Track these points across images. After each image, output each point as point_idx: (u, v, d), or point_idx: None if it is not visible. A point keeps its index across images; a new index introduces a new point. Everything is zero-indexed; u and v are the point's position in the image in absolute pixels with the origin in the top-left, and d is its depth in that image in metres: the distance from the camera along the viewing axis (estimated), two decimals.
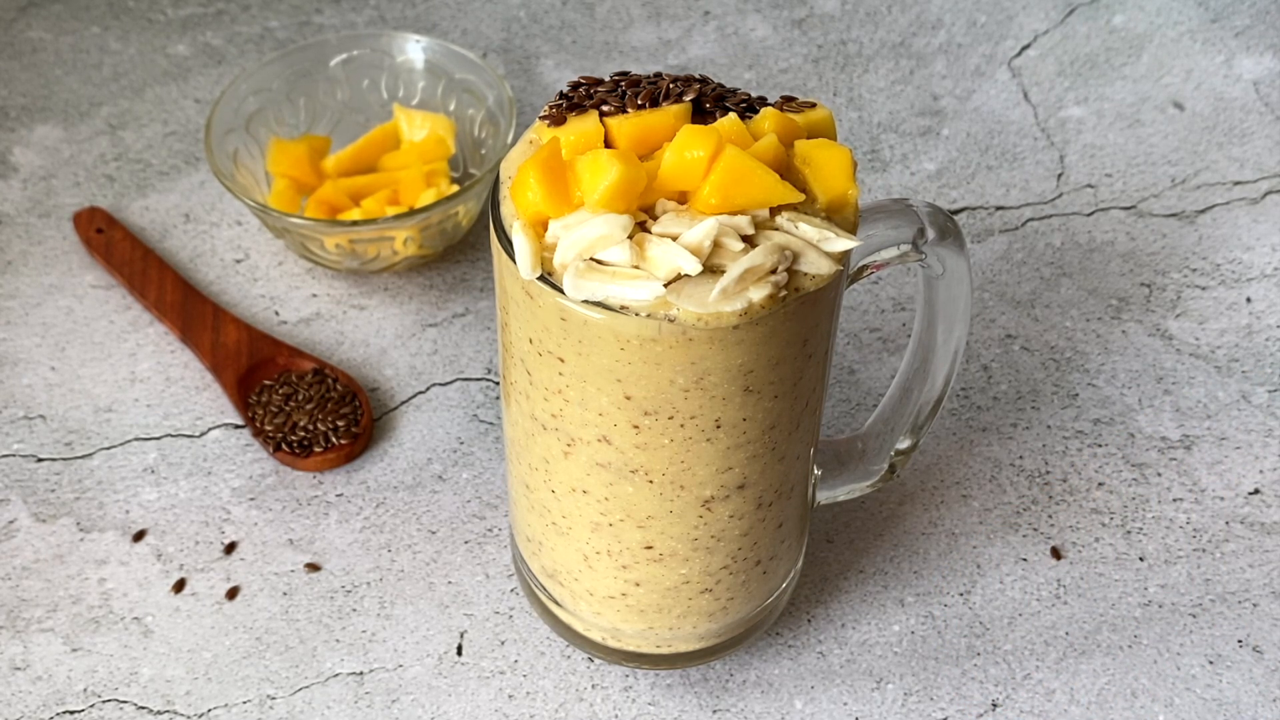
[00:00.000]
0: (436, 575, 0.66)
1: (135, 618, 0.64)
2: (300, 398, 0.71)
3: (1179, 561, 0.67)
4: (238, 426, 0.72)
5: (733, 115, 0.48)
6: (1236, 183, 0.84)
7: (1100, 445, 0.71)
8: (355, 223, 0.73)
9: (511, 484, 0.58)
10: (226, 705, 0.61)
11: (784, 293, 0.46)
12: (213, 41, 0.93)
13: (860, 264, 0.53)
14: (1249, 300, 0.77)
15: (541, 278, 0.47)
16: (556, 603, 0.59)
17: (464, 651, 0.63)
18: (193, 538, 0.67)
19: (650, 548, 0.54)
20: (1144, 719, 0.61)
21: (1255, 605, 0.65)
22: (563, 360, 0.48)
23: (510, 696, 0.62)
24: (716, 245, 0.46)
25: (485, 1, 0.96)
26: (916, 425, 0.60)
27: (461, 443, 0.71)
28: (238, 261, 0.79)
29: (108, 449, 0.71)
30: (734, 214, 0.46)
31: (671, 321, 0.46)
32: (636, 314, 0.46)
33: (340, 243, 0.74)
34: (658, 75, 0.51)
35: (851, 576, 0.66)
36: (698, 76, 0.51)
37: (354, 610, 0.64)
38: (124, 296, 0.78)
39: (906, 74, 0.91)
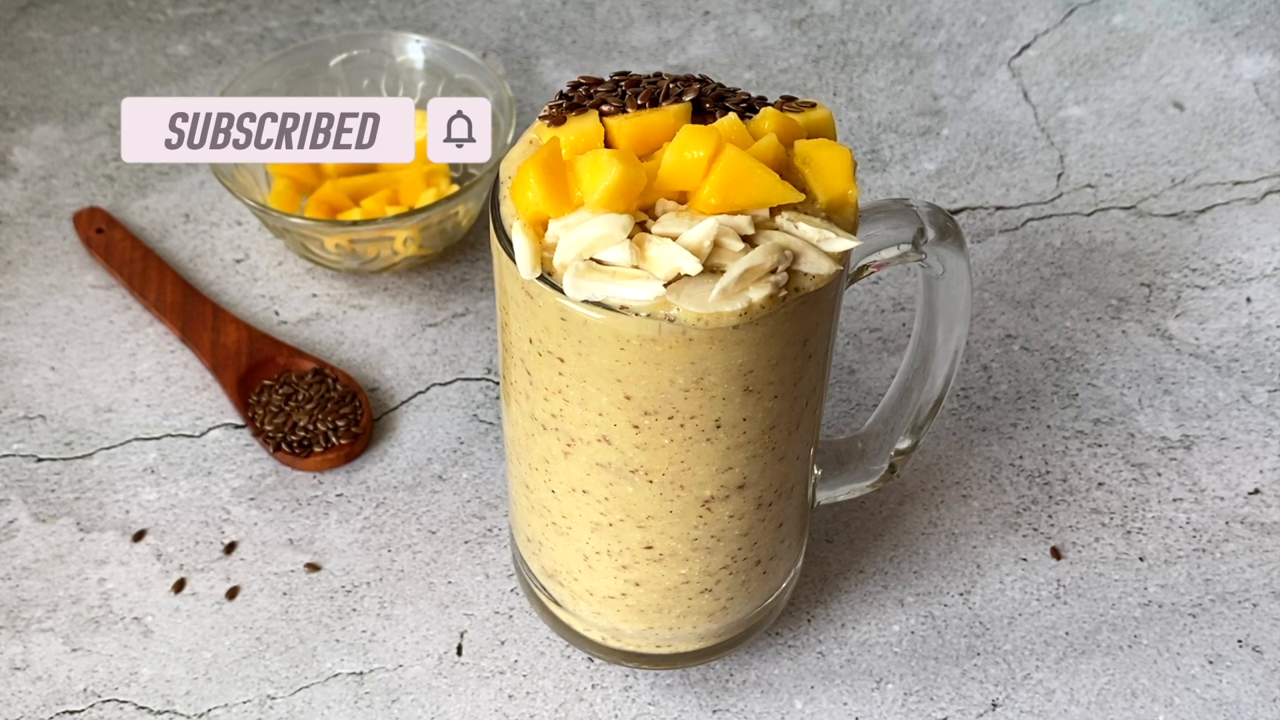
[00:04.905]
0: (436, 575, 0.66)
1: (135, 618, 0.64)
2: (300, 398, 0.71)
3: (1179, 561, 0.67)
4: (238, 426, 0.72)
5: (733, 115, 0.48)
6: (1236, 183, 0.84)
7: (1100, 445, 0.71)
8: (355, 223, 0.73)
9: (511, 484, 0.58)
10: (226, 705, 0.61)
11: (784, 293, 0.46)
12: (213, 41, 0.93)
13: (860, 264, 0.53)
14: (1249, 300, 0.77)
15: (541, 278, 0.47)
16: (556, 603, 0.59)
17: (464, 651, 0.63)
18: (193, 538, 0.67)
19: (650, 548, 0.54)
20: (1144, 719, 0.61)
21: (1255, 605, 0.65)
22: (563, 360, 0.48)
23: (510, 696, 0.62)
24: (716, 245, 0.46)
25: (485, 1, 0.96)
26: (916, 425, 0.60)
27: (461, 443, 0.71)
28: (238, 261, 0.79)
29: (108, 449, 0.71)
30: (734, 214, 0.46)
31: (671, 321, 0.46)
32: (636, 314, 0.46)
33: (340, 243, 0.74)
34: (658, 75, 0.51)
35: (851, 576, 0.66)
36: (698, 76, 0.51)
37: (354, 610, 0.64)
38: (124, 296, 0.78)
39: (906, 74, 0.91)
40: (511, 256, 0.47)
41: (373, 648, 0.63)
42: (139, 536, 0.67)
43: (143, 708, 0.61)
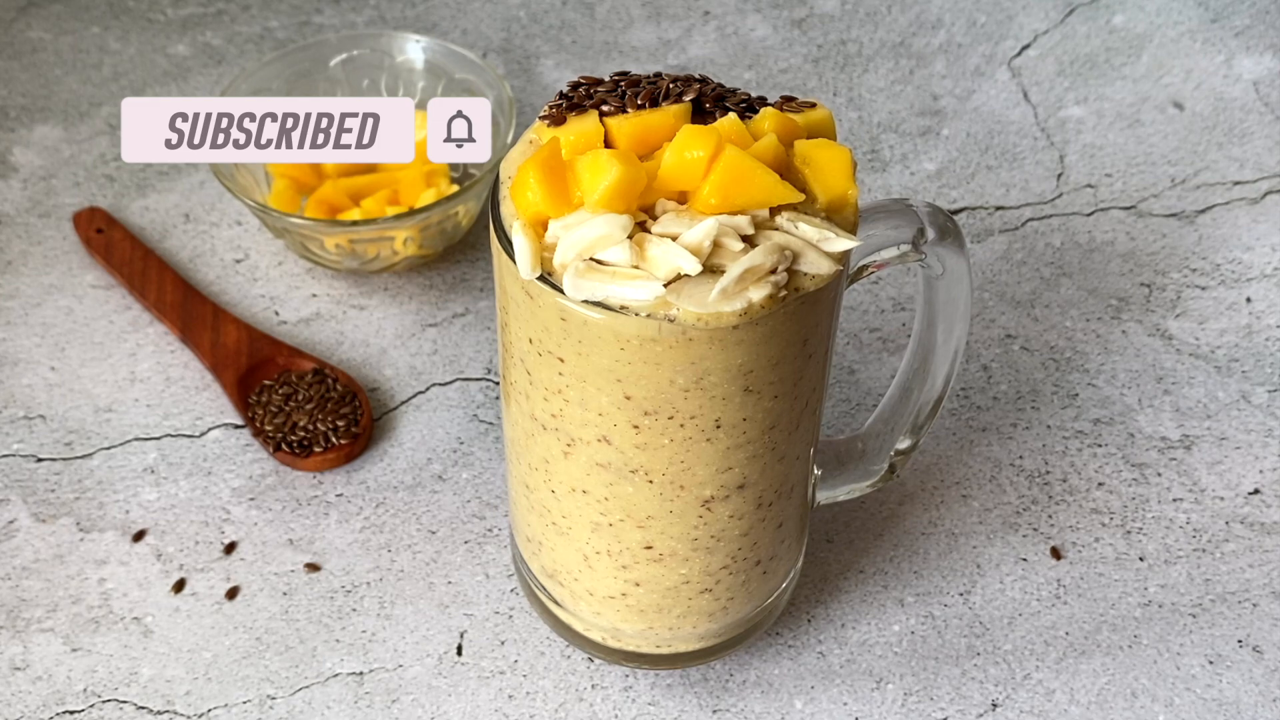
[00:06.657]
0: (436, 575, 0.66)
1: (135, 618, 0.64)
2: (300, 398, 0.71)
3: (1179, 561, 0.67)
4: (238, 426, 0.72)
5: (733, 115, 0.48)
6: (1236, 183, 0.84)
7: (1100, 445, 0.71)
8: (355, 223, 0.73)
9: (511, 484, 0.58)
10: (226, 705, 0.61)
11: (784, 293, 0.46)
12: (213, 41, 0.93)
13: (860, 264, 0.53)
14: (1249, 300, 0.77)
15: (541, 278, 0.47)
16: (556, 603, 0.59)
17: (464, 651, 0.63)
18: (193, 538, 0.67)
19: (650, 548, 0.54)
20: (1144, 719, 0.61)
21: (1255, 605, 0.65)
22: (563, 360, 0.48)
23: (510, 696, 0.62)
24: (716, 245, 0.46)
25: (485, 1, 0.96)
26: (916, 425, 0.60)
27: (461, 443, 0.71)
28: (238, 261, 0.79)
29: (108, 449, 0.71)
30: (734, 214, 0.46)
31: (671, 321, 0.46)
32: (636, 314, 0.46)
33: (340, 243, 0.74)
34: (658, 75, 0.51)
35: (851, 576, 0.66)
36: (698, 76, 0.51)
37: (354, 610, 0.65)
38: (124, 296, 0.78)
39: (906, 74, 0.91)
40: (511, 256, 0.47)
41: (373, 648, 0.63)
42: (139, 536, 0.67)
43: (143, 708, 0.61)
